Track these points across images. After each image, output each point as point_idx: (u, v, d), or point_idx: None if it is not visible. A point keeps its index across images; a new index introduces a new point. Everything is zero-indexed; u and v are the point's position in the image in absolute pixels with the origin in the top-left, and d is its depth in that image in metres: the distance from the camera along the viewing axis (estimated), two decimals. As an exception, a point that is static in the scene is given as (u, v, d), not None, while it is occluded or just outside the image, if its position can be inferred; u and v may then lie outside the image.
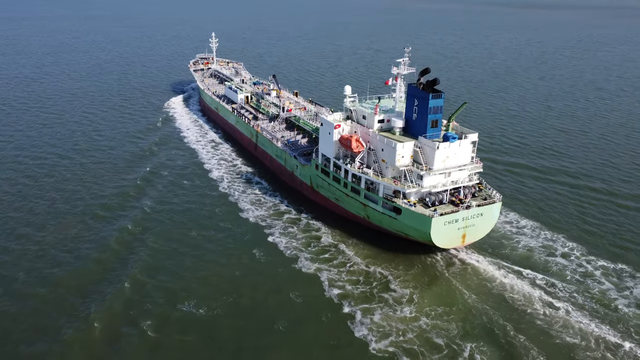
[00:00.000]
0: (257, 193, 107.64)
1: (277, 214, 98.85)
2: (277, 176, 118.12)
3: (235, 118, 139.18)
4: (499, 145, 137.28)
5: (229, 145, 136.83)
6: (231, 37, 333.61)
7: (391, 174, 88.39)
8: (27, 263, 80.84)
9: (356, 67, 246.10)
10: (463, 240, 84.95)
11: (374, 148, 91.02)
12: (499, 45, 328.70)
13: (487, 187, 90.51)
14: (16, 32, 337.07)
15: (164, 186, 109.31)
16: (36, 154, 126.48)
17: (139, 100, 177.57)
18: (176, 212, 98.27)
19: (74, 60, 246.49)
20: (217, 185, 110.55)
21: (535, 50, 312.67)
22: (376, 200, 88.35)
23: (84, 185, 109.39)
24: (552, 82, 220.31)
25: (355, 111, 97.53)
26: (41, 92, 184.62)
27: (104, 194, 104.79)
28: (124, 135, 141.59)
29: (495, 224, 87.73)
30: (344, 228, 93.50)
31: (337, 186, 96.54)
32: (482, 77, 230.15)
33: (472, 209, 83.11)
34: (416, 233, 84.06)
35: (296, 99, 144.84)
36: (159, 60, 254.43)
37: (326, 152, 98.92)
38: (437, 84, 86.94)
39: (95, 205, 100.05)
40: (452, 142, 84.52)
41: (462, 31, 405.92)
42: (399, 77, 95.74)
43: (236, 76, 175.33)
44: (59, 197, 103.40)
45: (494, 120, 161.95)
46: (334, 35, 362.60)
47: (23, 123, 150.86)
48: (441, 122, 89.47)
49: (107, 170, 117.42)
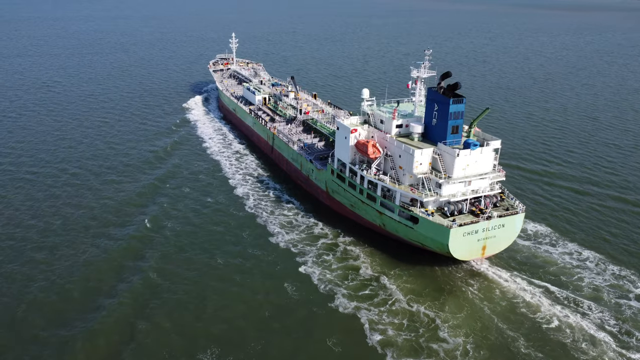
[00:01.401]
0: (288, 214, 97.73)
1: (310, 238, 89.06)
2: (292, 180, 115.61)
3: (252, 120, 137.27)
4: (523, 153, 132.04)
5: (254, 158, 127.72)
6: (255, 38, 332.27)
7: (408, 182, 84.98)
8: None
9: (379, 70, 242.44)
10: (483, 252, 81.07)
11: (391, 154, 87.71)
12: (533, 49, 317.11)
13: (510, 197, 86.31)
14: (44, 33, 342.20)
15: (186, 205, 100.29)
16: (48, 162, 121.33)
17: (159, 101, 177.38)
18: (199, 236, 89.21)
19: (97, 61, 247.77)
20: (243, 203, 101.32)
21: (572, 54, 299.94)
22: (392, 208, 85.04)
23: (99, 203, 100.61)
24: (594, 90, 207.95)
25: (372, 115, 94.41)
26: (61, 95, 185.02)
27: (120, 214, 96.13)
28: (141, 141, 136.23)
29: (517, 235, 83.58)
30: (385, 256, 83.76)
31: (353, 192, 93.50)
32: (510, 82, 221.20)
33: (493, 219, 79.15)
34: (433, 244, 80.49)
35: (314, 101, 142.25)
36: (181, 61, 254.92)
37: (342, 157, 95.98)
38: (458, 88, 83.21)
39: (108, 222, 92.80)
40: (473, 149, 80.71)
41: (493, 34, 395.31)
42: (418, 80, 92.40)
43: (255, 77, 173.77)
44: (61, 225, 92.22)
45: (518, 126, 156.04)
46: (360, 38, 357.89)
47: (42, 124, 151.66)
48: (462, 128, 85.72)
49: (123, 188, 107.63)
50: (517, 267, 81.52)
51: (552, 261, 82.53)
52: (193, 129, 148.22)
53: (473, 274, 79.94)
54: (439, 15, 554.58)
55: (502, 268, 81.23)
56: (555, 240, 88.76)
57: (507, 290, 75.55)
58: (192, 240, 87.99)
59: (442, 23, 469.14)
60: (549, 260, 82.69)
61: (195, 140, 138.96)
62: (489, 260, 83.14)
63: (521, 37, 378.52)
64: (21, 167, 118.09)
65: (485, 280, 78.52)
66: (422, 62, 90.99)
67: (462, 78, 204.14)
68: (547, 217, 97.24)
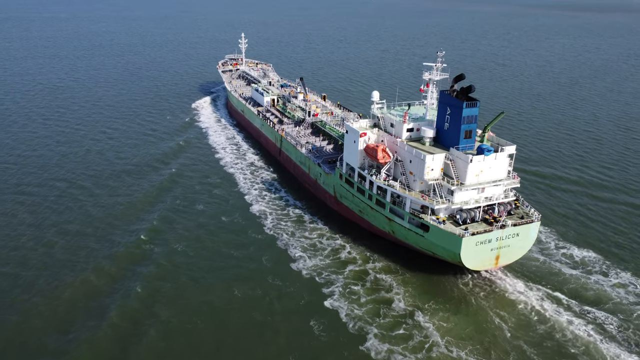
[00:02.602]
0: (311, 237, 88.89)
1: (336, 265, 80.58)
2: (300, 184, 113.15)
3: (261, 121, 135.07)
4: (538, 157, 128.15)
5: (269, 171, 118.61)
6: (268, 40, 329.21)
7: (419, 188, 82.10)
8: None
9: (389, 71, 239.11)
10: (496, 262, 78.01)
11: (402, 159, 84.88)
12: (554, 51, 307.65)
13: (524, 204, 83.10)
14: (54, 34, 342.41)
15: (199, 225, 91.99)
16: (47, 168, 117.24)
17: (168, 102, 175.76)
18: (214, 261, 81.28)
19: (107, 64, 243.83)
20: (261, 223, 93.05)
21: (596, 57, 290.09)
22: (402, 215, 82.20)
23: (104, 222, 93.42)
24: (623, 97, 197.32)
25: (382, 118, 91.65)
26: (68, 98, 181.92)
27: (124, 233, 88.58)
28: (149, 144, 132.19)
29: (532, 245, 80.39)
30: (419, 284, 76.28)
31: (362, 198, 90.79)
32: (530, 86, 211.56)
33: (507, 228, 76.06)
34: (445, 253, 77.56)
35: (323, 103, 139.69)
36: (192, 62, 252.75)
37: (351, 161, 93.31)
38: (472, 91, 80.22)
39: (109, 241, 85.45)
40: (487, 155, 77.64)
41: (511, 35, 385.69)
42: (430, 83, 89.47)
43: (264, 78, 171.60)
44: (60, 251, 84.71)
45: (534, 131, 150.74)
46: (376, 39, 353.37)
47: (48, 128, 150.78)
48: (475, 132, 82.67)
49: (127, 207, 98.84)
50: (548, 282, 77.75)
51: (571, 273, 79.24)
52: (201, 131, 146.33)
53: (509, 304, 72.68)
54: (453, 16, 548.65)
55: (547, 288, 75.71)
56: (574, 250, 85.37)
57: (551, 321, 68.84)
58: (207, 266, 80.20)
59: (457, 24, 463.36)
60: (565, 272, 79.42)
61: (204, 144, 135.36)
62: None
63: (540, 38, 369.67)
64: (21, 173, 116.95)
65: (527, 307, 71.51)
66: (435, 64, 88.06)
67: (476, 81, 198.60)
68: (563, 224, 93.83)
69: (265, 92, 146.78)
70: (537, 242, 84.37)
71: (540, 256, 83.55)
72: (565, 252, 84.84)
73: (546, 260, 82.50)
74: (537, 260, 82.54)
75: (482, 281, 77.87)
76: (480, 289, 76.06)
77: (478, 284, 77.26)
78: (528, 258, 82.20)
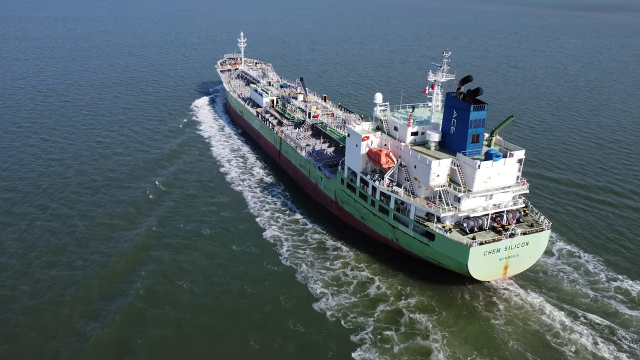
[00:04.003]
0: (333, 267, 78.76)
1: (365, 303, 70.57)
2: (300, 188, 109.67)
3: (260, 123, 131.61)
4: (548, 161, 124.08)
5: (279, 188, 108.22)
6: (269, 40, 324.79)
7: (424, 194, 78.62)
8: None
9: (392, 72, 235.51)
10: (505, 272, 74.60)
11: (406, 164, 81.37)
12: (565, 52, 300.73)
13: (534, 212, 79.63)
14: (50, 33, 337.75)
15: (207, 255, 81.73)
16: (42, 167, 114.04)
17: (166, 102, 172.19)
18: (228, 304, 70.59)
19: (103, 66, 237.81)
20: (276, 251, 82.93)
21: (609, 59, 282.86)
22: (407, 222, 78.72)
23: (102, 234, 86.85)
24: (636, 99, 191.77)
25: (386, 121, 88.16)
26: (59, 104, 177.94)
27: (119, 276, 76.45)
28: (142, 167, 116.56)
29: (542, 254, 76.93)
30: (460, 326, 67.10)
31: (364, 204, 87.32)
32: (542, 89, 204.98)
33: (516, 237, 72.61)
34: (451, 262, 74.12)
35: (324, 104, 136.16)
36: (190, 62, 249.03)
37: (352, 165, 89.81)
38: (479, 93, 76.71)
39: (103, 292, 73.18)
40: (495, 160, 74.16)
41: (519, 35, 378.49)
42: (436, 84, 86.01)
43: (263, 78, 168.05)
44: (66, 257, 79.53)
45: (543, 134, 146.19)
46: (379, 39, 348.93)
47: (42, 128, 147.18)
48: (483, 137, 79.19)
49: (120, 236, 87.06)
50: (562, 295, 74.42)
51: (584, 283, 75.85)
52: (198, 131, 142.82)
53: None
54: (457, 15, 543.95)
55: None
56: (584, 258, 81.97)
57: None
58: (216, 308, 69.63)
59: (461, 23, 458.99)
60: (578, 282, 75.99)
61: (205, 154, 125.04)
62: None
63: (549, 39, 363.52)
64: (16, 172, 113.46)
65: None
66: (440, 65, 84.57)
67: (484, 83, 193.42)
68: (573, 232, 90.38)
69: (264, 92, 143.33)
70: (547, 250, 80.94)
71: (551, 265, 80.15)
72: (578, 261, 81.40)
73: (558, 269, 79.08)
74: (548, 269, 79.14)
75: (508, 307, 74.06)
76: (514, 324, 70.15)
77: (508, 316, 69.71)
78: (539, 268, 78.83)
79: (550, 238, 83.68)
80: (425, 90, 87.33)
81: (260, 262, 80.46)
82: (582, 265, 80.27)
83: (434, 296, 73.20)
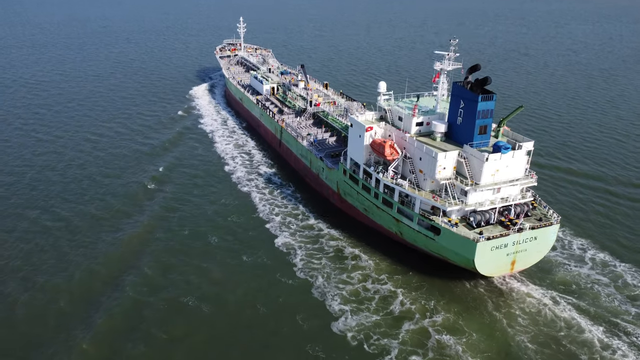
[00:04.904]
0: (352, 280, 72.55)
1: (389, 322, 64.71)
2: (301, 178, 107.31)
3: (260, 111, 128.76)
4: (556, 151, 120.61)
5: (294, 190, 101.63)
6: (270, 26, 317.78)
7: (430, 187, 76.28)
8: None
9: (398, 59, 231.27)
10: (512, 267, 72.66)
11: (411, 156, 78.87)
12: (575, 39, 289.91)
13: (542, 205, 77.40)
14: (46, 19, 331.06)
15: (218, 269, 75.08)
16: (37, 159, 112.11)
17: (165, 89, 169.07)
18: (240, 326, 64.82)
19: (100, 54, 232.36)
20: (290, 261, 76.95)
21: (622, 45, 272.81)
22: (411, 216, 76.54)
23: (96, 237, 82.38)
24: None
25: (390, 111, 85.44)
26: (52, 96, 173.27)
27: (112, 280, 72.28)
28: (141, 159, 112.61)
29: (550, 248, 74.86)
30: (494, 348, 61.87)
31: (367, 196, 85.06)
32: (553, 77, 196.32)
33: (524, 232, 70.48)
34: (457, 258, 72.11)
35: (325, 92, 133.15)
36: (191, 47, 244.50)
37: (355, 157, 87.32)
38: (488, 83, 73.97)
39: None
40: (504, 152, 71.71)
41: (526, 20, 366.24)
42: (442, 73, 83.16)
43: (263, 64, 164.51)
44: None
45: (551, 123, 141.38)
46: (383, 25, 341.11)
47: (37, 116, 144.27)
48: (491, 128, 76.63)
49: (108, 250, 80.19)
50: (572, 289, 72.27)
51: (593, 279, 73.92)
52: (198, 120, 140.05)
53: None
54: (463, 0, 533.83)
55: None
56: (595, 253, 79.81)
57: None
58: (227, 332, 63.75)
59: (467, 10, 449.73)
60: (586, 277, 74.09)
61: (210, 151, 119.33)
62: None
63: (558, 24, 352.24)
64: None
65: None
66: (447, 53, 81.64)
67: (492, 71, 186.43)
68: (582, 225, 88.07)
69: (264, 79, 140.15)
70: (555, 244, 78.88)
71: (559, 259, 78.14)
72: (587, 255, 79.31)
73: (566, 264, 77.10)
74: (557, 264, 77.15)
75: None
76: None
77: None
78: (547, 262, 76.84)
79: (560, 231, 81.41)
80: (435, 78, 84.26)
81: (273, 274, 74.14)
82: (592, 259, 77.99)
83: (460, 313, 67.08)
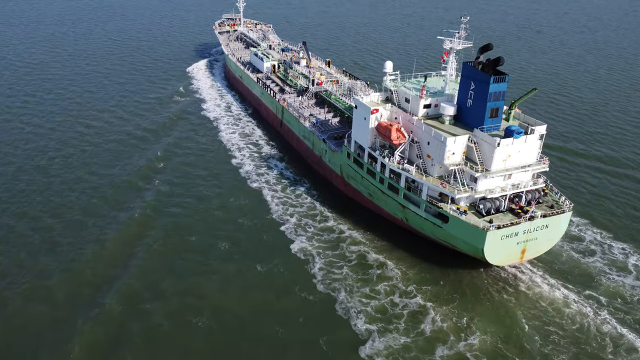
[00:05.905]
0: (377, 295, 65.92)
1: (419, 344, 58.33)
2: (303, 160, 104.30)
3: (260, 89, 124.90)
4: (570, 135, 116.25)
5: (306, 183, 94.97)
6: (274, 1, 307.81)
7: (438, 173, 73.31)
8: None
9: (403, 36, 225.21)
10: (522, 256, 70.30)
11: (418, 140, 75.66)
12: (589, 14, 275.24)
13: (554, 191, 74.57)
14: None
15: (231, 281, 68.39)
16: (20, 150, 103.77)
17: (163, 65, 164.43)
18: (257, 350, 58.30)
19: (93, 31, 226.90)
20: (308, 271, 70.35)
21: (637, 21, 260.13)
22: (418, 202, 73.82)
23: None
24: None
25: (396, 92, 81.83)
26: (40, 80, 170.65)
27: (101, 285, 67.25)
28: (137, 161, 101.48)
29: (561, 236, 72.37)
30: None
31: (372, 180, 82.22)
32: (570, 57, 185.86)
33: (536, 220, 67.84)
34: (465, 246, 69.67)
35: (328, 70, 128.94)
36: (189, 23, 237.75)
37: (360, 140, 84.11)
38: (500, 64, 70.32)
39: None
40: (516, 137, 68.55)
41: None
42: (450, 52, 79.29)
43: (263, 40, 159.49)
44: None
45: (565, 105, 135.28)
46: None
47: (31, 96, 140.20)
48: (502, 111, 73.22)
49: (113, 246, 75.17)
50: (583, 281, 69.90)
51: (606, 269, 71.67)
52: (197, 98, 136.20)
53: None
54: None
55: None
56: (609, 242, 77.40)
57: None
58: (239, 355, 57.50)
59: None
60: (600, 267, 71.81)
61: (211, 135, 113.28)
62: None
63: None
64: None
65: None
66: (457, 31, 77.63)
67: (504, 51, 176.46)
68: (595, 211, 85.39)
69: (265, 57, 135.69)
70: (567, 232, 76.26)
71: (570, 249, 75.75)
72: (599, 243, 76.94)
73: (578, 254, 74.74)
74: (567, 253, 74.78)
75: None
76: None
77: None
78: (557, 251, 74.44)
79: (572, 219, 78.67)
80: (444, 57, 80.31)
81: (292, 287, 67.09)
82: (607, 247, 75.71)
83: (497, 334, 60.40)
